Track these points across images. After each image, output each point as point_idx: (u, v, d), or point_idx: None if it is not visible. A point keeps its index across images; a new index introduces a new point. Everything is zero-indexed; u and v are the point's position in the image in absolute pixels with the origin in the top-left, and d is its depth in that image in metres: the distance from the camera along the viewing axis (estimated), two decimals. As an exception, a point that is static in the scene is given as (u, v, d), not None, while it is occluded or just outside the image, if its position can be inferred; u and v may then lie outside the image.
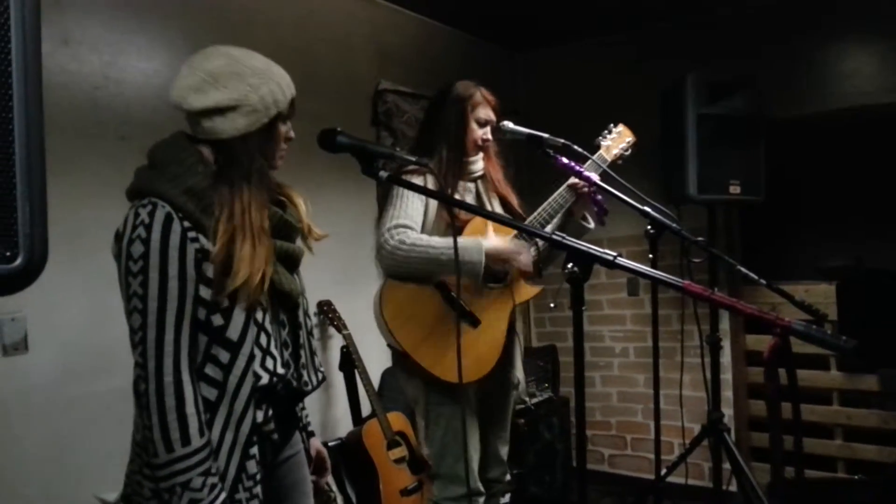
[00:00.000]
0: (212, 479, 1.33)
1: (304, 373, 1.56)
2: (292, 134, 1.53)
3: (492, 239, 2.17)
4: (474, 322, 2.25)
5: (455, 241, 1.81)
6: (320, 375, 1.63)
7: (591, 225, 2.43)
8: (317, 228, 1.62)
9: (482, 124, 2.30)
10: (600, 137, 2.48)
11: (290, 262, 1.54)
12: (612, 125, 2.53)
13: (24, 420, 2.09)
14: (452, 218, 2.11)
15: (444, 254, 2.05)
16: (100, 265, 2.28)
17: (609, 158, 2.42)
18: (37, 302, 2.10)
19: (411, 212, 2.13)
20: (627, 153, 2.48)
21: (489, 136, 2.32)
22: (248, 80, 1.40)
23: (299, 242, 1.59)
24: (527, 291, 2.39)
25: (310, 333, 1.62)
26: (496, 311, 2.30)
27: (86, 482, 2.20)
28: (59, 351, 2.18)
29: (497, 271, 2.23)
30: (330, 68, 3.23)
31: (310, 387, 1.57)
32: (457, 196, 2.25)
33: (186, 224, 1.34)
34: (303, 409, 1.69)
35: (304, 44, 3.09)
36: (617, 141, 2.48)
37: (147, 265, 1.31)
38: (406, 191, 2.13)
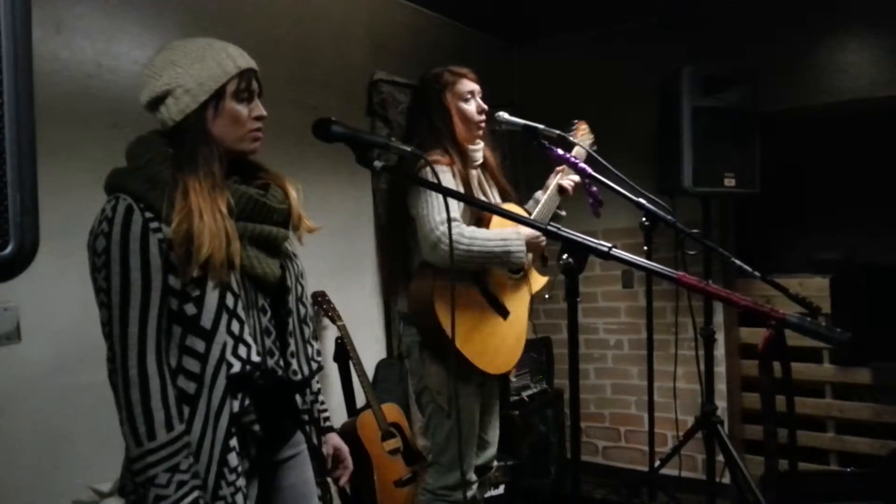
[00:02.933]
0: (179, 476, 1.30)
1: (294, 361, 1.51)
2: (261, 111, 1.48)
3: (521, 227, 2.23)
4: (505, 314, 2.27)
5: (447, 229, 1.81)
6: (314, 365, 1.58)
7: (564, 213, 2.47)
8: (309, 221, 1.58)
9: (467, 98, 2.29)
10: (570, 135, 2.48)
11: (267, 244, 1.48)
12: (574, 121, 2.54)
13: (16, 410, 2.08)
14: (444, 209, 2.09)
15: (497, 247, 2.13)
16: (93, 255, 2.28)
17: (584, 154, 2.43)
18: (29, 291, 2.08)
19: (452, 204, 2.12)
20: (593, 149, 2.49)
21: (484, 105, 2.31)
22: (180, 63, 1.40)
23: (290, 230, 1.55)
24: (539, 281, 2.46)
25: (303, 321, 1.57)
26: (519, 302, 2.36)
27: (79, 472, 2.19)
28: (52, 341, 2.17)
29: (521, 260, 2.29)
30: (325, 58, 3.21)
31: (299, 376, 1.52)
32: (462, 187, 2.24)
33: (148, 214, 1.33)
34: (314, 402, 1.62)
35: (299, 34, 3.07)
36: (584, 137, 2.50)
37: (109, 259, 1.31)
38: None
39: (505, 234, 2.17)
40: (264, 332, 1.45)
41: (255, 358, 1.39)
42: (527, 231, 2.20)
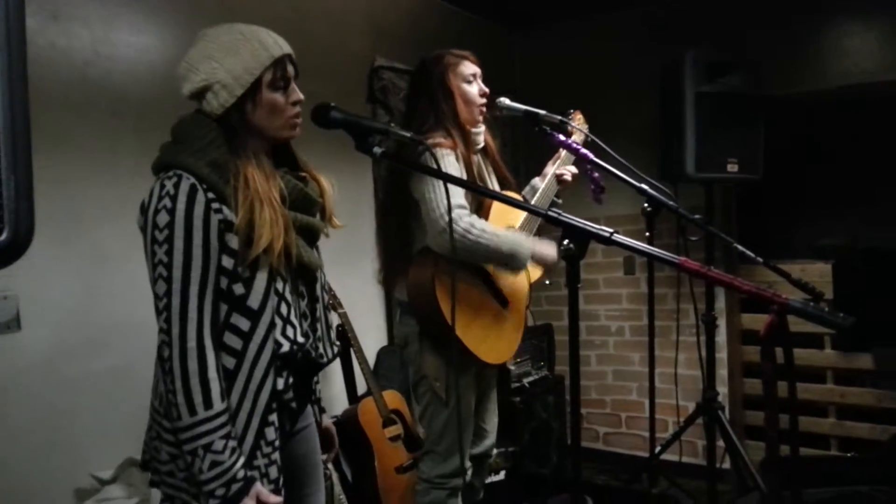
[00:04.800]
0: (232, 443, 1.37)
1: (320, 345, 1.60)
2: (298, 95, 1.52)
3: (538, 243, 2.25)
4: (504, 303, 2.28)
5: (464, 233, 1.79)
6: (335, 349, 1.67)
7: (560, 200, 2.46)
8: (336, 218, 1.67)
9: (470, 80, 2.27)
10: (567, 124, 2.46)
11: (310, 235, 1.57)
12: (570, 111, 2.51)
13: (16, 399, 2.09)
14: (456, 195, 2.09)
15: (505, 245, 2.10)
16: (93, 243, 2.27)
17: (582, 140, 2.42)
18: (29, 280, 2.08)
19: (457, 190, 2.08)
20: (588, 139, 2.48)
21: (486, 89, 2.29)
22: (215, 57, 1.43)
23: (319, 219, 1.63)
24: (535, 272, 2.45)
25: (325, 307, 1.66)
26: (517, 292, 2.35)
27: (80, 461, 2.20)
28: (52, 329, 2.17)
29: None
30: (325, 45, 3.19)
31: (325, 359, 1.61)
32: (465, 170, 2.22)
33: (210, 195, 1.38)
34: (317, 382, 1.71)
35: (298, 20, 3.05)
36: (580, 127, 2.48)
37: (172, 234, 1.36)
38: (447, 169, 2.06)
39: (518, 238, 2.16)
40: (302, 316, 1.54)
41: (301, 339, 1.48)
42: (538, 249, 2.22)
